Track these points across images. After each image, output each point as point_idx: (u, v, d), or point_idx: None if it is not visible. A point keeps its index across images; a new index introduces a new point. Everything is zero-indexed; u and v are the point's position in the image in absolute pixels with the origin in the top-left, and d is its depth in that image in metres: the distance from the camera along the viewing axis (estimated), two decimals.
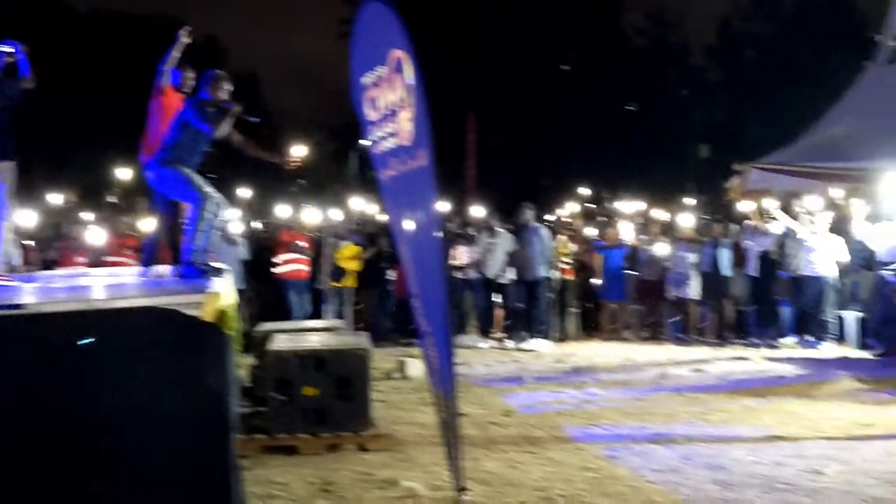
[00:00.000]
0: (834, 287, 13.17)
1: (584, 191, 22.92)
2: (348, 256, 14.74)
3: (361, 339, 7.71)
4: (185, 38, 7.88)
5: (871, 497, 5.58)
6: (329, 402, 7.07)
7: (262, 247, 14.78)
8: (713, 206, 18.12)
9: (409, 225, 4.85)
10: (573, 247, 15.33)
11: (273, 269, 14.20)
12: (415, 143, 4.71)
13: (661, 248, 14.90)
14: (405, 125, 4.82)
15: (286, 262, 14.21)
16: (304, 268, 14.22)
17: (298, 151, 8.43)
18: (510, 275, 14.64)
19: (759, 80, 31.32)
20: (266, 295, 14.27)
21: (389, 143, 5.06)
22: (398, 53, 4.80)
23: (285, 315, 13.37)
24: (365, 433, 7.11)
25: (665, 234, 15.41)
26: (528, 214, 14.26)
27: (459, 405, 4.84)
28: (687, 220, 15.42)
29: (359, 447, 7.01)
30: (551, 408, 8.83)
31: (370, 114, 5.30)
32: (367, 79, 5.27)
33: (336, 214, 16.08)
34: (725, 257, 14.60)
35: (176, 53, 7.87)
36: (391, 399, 9.30)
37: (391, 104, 4.97)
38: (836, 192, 14.12)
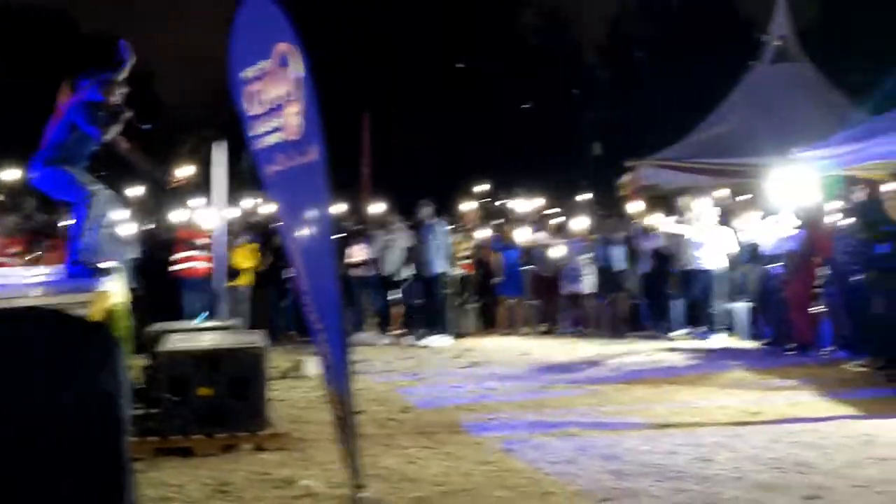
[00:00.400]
0: (722, 280, 13.52)
1: (481, 189, 23.04)
2: (244, 254, 14.55)
3: (257, 338, 7.60)
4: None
5: (759, 482, 5.73)
6: (224, 402, 6.94)
7: (156, 245, 14.46)
8: (606, 203, 18.37)
9: (297, 221, 4.79)
10: (471, 243, 15.40)
11: (170, 268, 13.92)
12: (304, 137, 4.65)
13: (557, 245, 15.08)
14: (292, 120, 4.75)
15: (184, 259, 13.94)
16: (203, 265, 13.97)
17: (184, 172, 8.17)
18: (408, 271, 14.65)
19: (649, 80, 32.01)
20: (160, 294, 13.96)
21: (275, 138, 4.98)
22: (283, 47, 4.73)
23: (180, 314, 13.11)
24: (261, 433, 7.00)
25: (560, 232, 15.60)
26: (426, 211, 14.29)
27: (356, 402, 4.81)
28: (581, 217, 15.63)
29: (255, 447, 6.90)
30: (450, 402, 8.85)
31: (251, 108, 5.20)
32: (247, 73, 5.18)
33: (230, 213, 15.82)
34: (618, 253, 14.87)
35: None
36: (289, 398, 9.20)
37: (276, 98, 4.89)
38: (724, 188, 14.49)
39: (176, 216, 15.07)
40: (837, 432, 7.12)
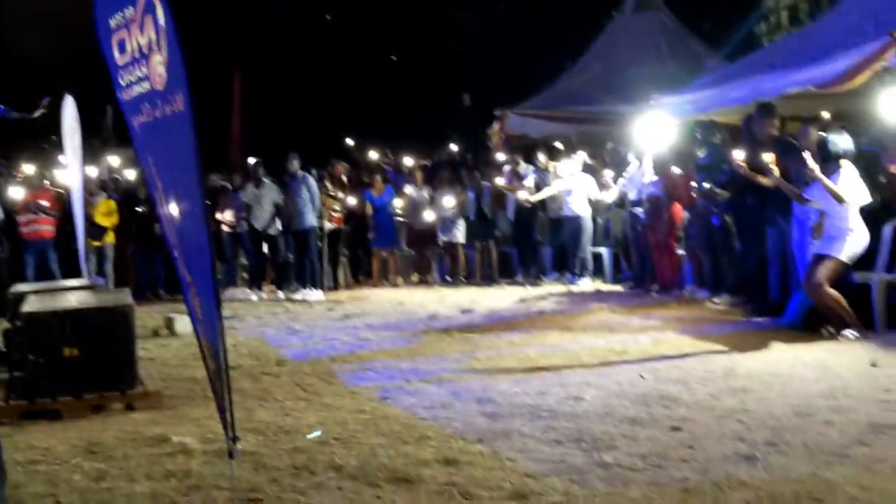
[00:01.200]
0: (589, 226, 13.82)
1: (352, 142, 22.89)
2: (104, 213, 14.15)
3: (122, 296, 7.40)
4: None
5: (627, 417, 5.91)
6: (91, 362, 6.73)
7: (13, 208, 13.90)
8: (476, 153, 18.51)
9: (165, 174, 4.66)
10: (342, 196, 15.29)
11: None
12: (168, 87, 4.50)
13: (427, 197, 15.12)
14: (158, 69, 4.60)
15: (27, 223, 13.48)
16: (47, 228, 13.53)
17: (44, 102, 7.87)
18: (278, 226, 14.48)
19: (515, 30, 32.14)
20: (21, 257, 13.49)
21: (141, 88, 4.81)
22: None
23: (35, 277, 12.73)
24: (131, 392, 6.83)
25: (432, 182, 15.64)
26: (295, 164, 14.10)
27: (229, 357, 4.74)
28: (451, 168, 15.72)
29: (126, 406, 6.74)
30: (324, 354, 8.83)
31: (118, 58, 5.01)
32: (114, 20, 4.99)
33: (90, 170, 15.30)
34: (488, 202, 15.03)
35: None
36: (159, 356, 9.03)
37: (141, 47, 4.72)
38: (589, 135, 14.80)
39: (27, 177, 14.49)
40: (699, 367, 7.39)
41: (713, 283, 11.26)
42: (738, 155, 9.29)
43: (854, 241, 8.23)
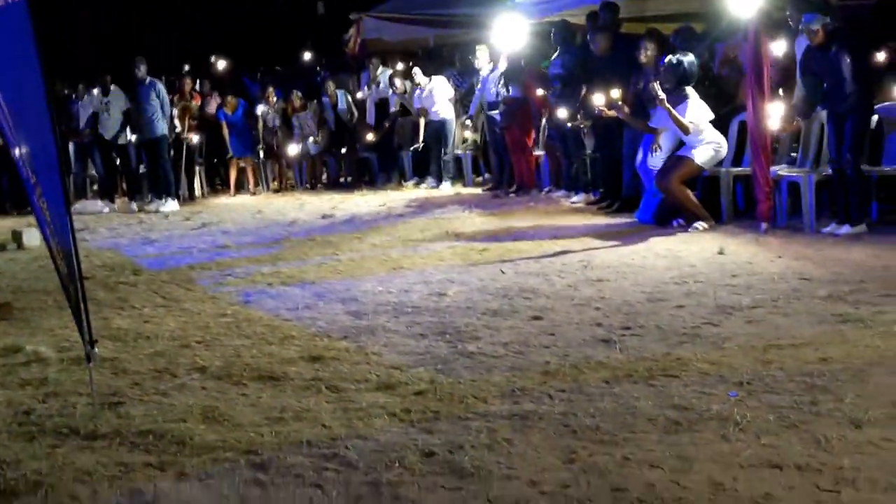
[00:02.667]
0: (449, 129, 13.82)
1: (210, 57, 22.13)
2: None
3: None
4: None
5: (489, 309, 6.01)
6: None
7: None
8: (332, 61, 18.18)
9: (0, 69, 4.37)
10: (196, 104, 14.85)
11: None
12: None
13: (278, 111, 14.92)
14: None
15: None
16: None
17: None
18: (129, 135, 13.98)
19: None
20: None
21: None
22: None
23: None
24: None
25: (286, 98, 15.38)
26: (143, 69, 13.52)
27: (83, 268, 4.56)
28: (306, 78, 15.48)
29: None
30: (182, 263, 8.64)
31: None
32: None
33: None
34: (345, 110, 14.89)
35: None
36: (8, 270, 8.69)
37: None
38: (445, 38, 14.71)
39: None
40: (557, 261, 7.56)
41: (570, 182, 11.47)
42: (599, 100, 9.41)
43: (711, 148, 8.54)
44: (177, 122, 14.13)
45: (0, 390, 4.79)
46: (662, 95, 8.42)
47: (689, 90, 8.58)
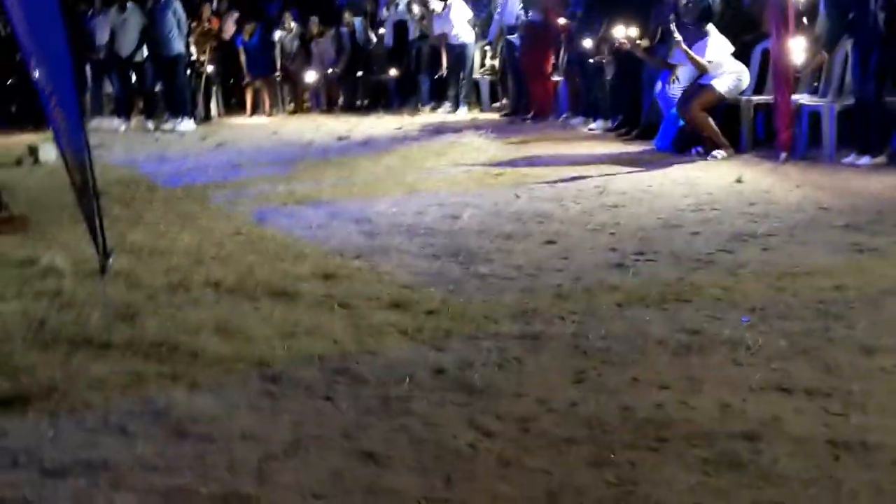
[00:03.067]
0: (466, 53, 13.65)
1: None
2: None
3: None
4: None
5: (503, 233, 6.00)
6: None
7: None
8: None
9: None
10: (214, 26, 14.71)
11: None
12: None
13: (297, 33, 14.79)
14: None
15: None
16: None
17: None
18: (145, 52, 13.87)
19: None
20: None
21: None
22: None
23: None
24: None
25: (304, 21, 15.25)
26: None
27: (98, 184, 4.55)
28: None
29: None
30: (198, 181, 8.64)
31: None
32: None
33: None
34: (362, 34, 14.74)
35: None
36: (24, 183, 8.69)
37: None
38: None
39: None
40: (573, 187, 7.51)
41: (588, 109, 11.35)
42: (620, 32, 9.27)
43: (732, 77, 8.45)
44: (192, 48, 13.97)
45: (16, 301, 4.82)
46: (679, 38, 8.34)
47: (710, 27, 8.47)
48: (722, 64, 8.43)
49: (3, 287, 5.07)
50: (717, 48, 8.45)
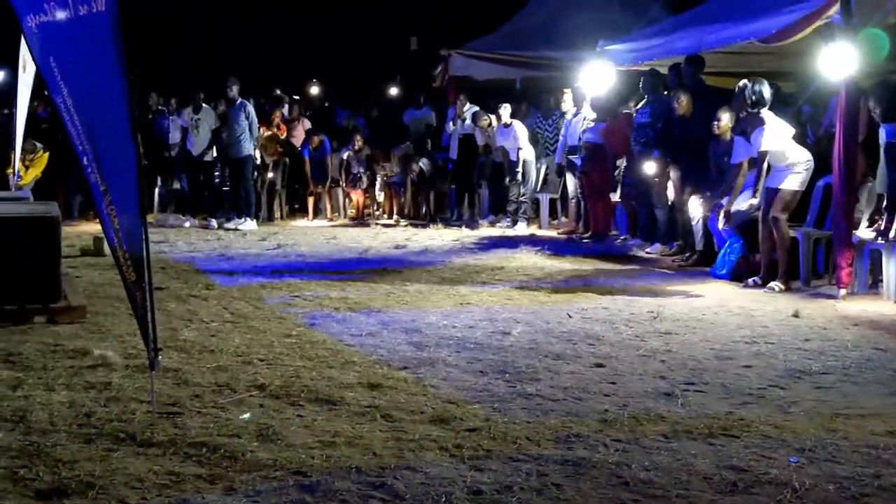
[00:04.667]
0: (528, 170, 13.81)
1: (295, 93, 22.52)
2: (38, 164, 13.78)
3: (48, 207, 7.22)
4: None
5: (552, 352, 5.97)
6: (13, 272, 6.58)
7: None
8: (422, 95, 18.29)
9: (72, 74, 4.41)
10: (282, 134, 15.07)
11: None
12: None
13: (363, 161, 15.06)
14: None
15: None
16: None
17: None
18: (215, 153, 14.26)
19: None
20: None
21: None
22: None
23: None
24: (54, 305, 6.71)
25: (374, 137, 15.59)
26: (235, 90, 13.77)
27: (156, 279, 4.64)
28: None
29: (48, 320, 6.61)
30: (254, 281, 8.76)
31: None
32: None
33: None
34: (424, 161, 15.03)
35: None
36: (86, 275, 8.90)
37: None
38: (531, 80, 14.76)
39: None
40: (626, 310, 7.48)
41: (646, 232, 11.36)
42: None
43: (802, 169, 8.43)
44: (257, 151, 14.28)
45: (65, 391, 4.89)
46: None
47: (766, 113, 8.45)
48: (786, 157, 8.38)
49: (55, 377, 5.15)
50: (775, 135, 8.40)
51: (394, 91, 19.07)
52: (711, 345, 6.26)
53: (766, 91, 8.48)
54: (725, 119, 9.26)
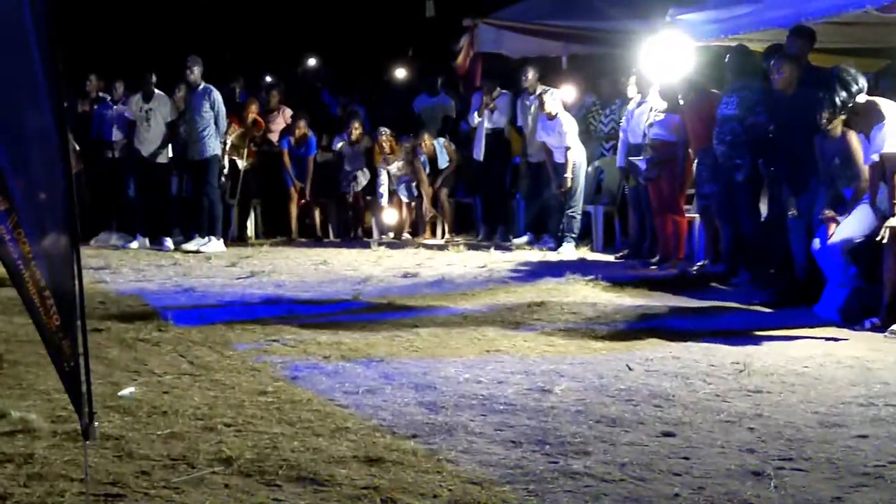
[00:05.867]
0: (577, 177, 13.82)
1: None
2: None
3: None
4: None
5: (606, 417, 5.95)
6: None
7: None
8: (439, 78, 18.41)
9: None
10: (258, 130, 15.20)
11: None
12: None
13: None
14: None
15: None
16: None
17: None
18: (171, 153, 14.36)
19: None
20: None
21: None
22: None
23: None
24: None
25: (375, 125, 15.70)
26: (196, 71, 13.87)
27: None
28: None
29: None
30: (220, 320, 8.82)
31: None
32: None
33: None
34: (442, 140, 15.09)
35: None
36: (2, 311, 8.96)
37: None
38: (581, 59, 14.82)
39: None
40: (704, 360, 7.47)
41: (730, 257, 11.33)
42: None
43: None
44: (227, 151, 14.38)
45: None
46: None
47: (882, 105, 8.46)
48: None
49: None
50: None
51: (401, 72, 19.18)
52: (815, 407, 6.23)
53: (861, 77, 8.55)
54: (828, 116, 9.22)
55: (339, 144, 15.35)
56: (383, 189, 15.15)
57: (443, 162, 15.08)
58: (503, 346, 7.93)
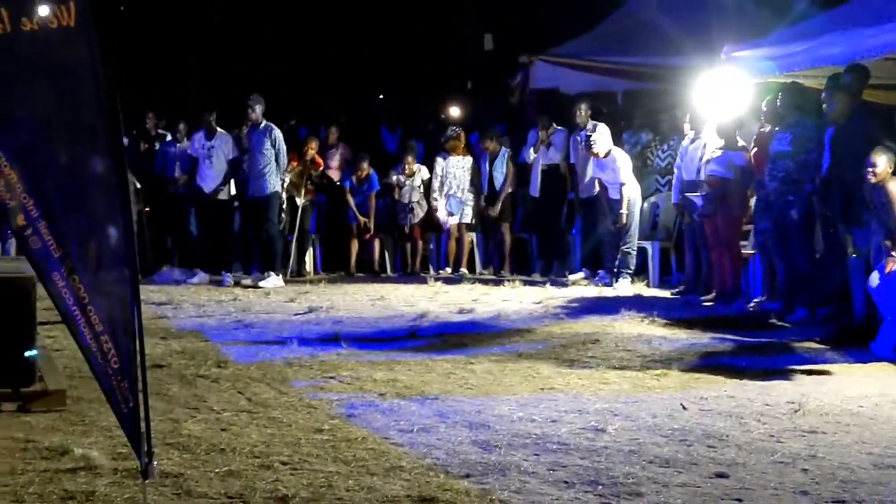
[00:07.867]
0: (632, 212, 13.81)
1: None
2: None
3: (20, 265, 7.40)
4: None
5: (659, 457, 5.94)
6: None
7: None
8: (492, 110, 18.49)
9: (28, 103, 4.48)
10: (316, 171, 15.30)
11: None
12: None
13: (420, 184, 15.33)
14: None
15: None
16: None
17: None
18: (232, 189, 14.50)
19: None
20: None
21: None
22: None
23: None
24: (27, 389, 6.87)
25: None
26: (258, 110, 14.02)
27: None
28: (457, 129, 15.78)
29: (18, 408, 6.77)
30: (278, 356, 8.89)
31: None
32: None
33: None
34: (501, 173, 15.07)
35: None
36: (66, 347, 9.05)
37: None
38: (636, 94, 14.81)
39: None
40: (759, 399, 7.42)
41: (787, 294, 11.25)
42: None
43: None
44: (285, 188, 14.47)
45: (37, 503, 4.99)
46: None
47: None
48: None
49: (25, 483, 5.26)
50: None
51: (455, 111, 19.21)
52: (870, 448, 6.18)
53: None
54: (883, 164, 9.16)
55: (395, 178, 15.41)
56: (440, 214, 15.22)
57: (499, 175, 15.10)
58: (557, 383, 7.93)
